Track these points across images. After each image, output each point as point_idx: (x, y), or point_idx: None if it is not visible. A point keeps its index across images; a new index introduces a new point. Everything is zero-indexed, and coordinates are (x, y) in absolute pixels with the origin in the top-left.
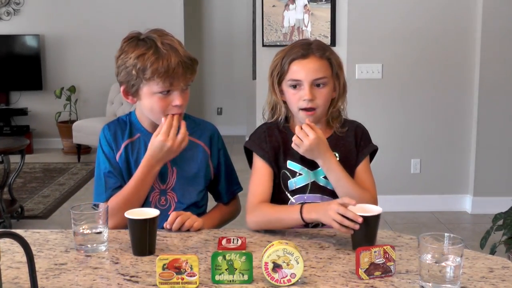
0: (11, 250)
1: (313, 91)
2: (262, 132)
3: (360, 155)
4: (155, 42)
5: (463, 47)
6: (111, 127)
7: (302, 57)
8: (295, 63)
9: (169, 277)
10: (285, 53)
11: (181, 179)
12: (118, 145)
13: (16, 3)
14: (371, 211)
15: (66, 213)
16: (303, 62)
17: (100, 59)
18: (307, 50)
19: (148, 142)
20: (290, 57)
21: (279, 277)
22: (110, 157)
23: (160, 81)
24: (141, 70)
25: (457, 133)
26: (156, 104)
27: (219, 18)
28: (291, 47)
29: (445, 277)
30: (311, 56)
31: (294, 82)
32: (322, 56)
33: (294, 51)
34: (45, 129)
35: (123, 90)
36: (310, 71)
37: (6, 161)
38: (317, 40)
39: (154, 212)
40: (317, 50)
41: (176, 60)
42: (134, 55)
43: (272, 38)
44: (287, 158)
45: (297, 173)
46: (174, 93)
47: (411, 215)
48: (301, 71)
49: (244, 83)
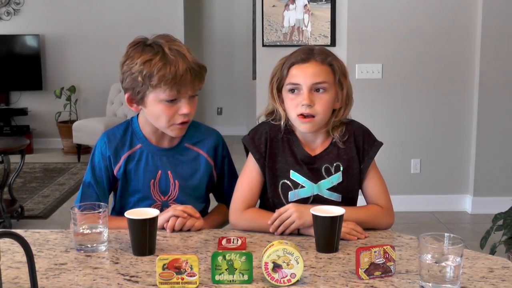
0: (11, 250)
1: (311, 96)
2: (264, 133)
3: (367, 159)
4: (162, 48)
5: (463, 47)
6: (111, 140)
7: (302, 61)
8: (295, 67)
9: (169, 277)
10: (286, 59)
11: (183, 191)
12: (118, 158)
13: (16, 3)
14: (331, 212)
15: (66, 213)
16: (303, 66)
17: (100, 59)
18: (308, 54)
19: (149, 152)
20: (290, 62)
21: (279, 277)
22: (97, 169)
23: (167, 88)
24: (148, 77)
25: (457, 133)
26: (163, 112)
27: (219, 18)
28: (293, 53)
29: (445, 277)
30: (312, 61)
31: (292, 86)
32: (323, 61)
33: (294, 55)
34: (45, 129)
35: (127, 98)
36: (309, 75)
37: (6, 161)
38: (321, 47)
39: (154, 212)
40: (318, 55)
41: (184, 66)
42: (140, 61)
43: (272, 38)
44: (290, 168)
45: (300, 185)
46: (182, 101)
47: (411, 215)
48: (300, 75)
49: (244, 83)
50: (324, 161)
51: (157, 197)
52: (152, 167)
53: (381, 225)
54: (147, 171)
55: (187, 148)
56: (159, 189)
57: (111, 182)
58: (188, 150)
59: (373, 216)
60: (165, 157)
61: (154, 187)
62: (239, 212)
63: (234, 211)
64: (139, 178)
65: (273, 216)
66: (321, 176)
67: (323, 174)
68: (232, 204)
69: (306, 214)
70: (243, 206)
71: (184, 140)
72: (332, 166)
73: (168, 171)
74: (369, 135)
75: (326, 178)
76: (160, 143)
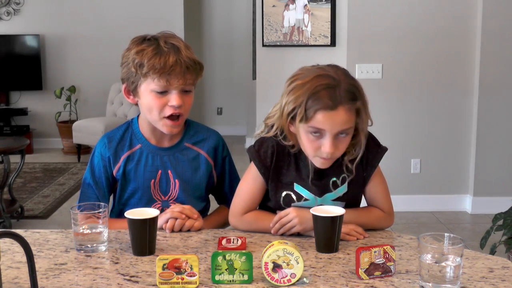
0: (11, 250)
1: (335, 143)
2: (270, 147)
3: (370, 168)
4: (158, 41)
5: (463, 47)
6: (111, 140)
7: (330, 109)
8: (321, 113)
9: (169, 277)
10: (309, 95)
11: (183, 191)
12: (117, 158)
13: (16, 3)
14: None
15: (66, 213)
16: (331, 114)
17: (100, 59)
18: (335, 98)
19: (148, 152)
20: (315, 106)
21: (279, 277)
22: (96, 170)
23: (156, 77)
24: (139, 66)
25: (457, 133)
26: (153, 102)
27: (219, 18)
28: (316, 90)
29: (445, 277)
30: (340, 108)
31: (316, 130)
32: (351, 108)
33: (320, 97)
34: (45, 129)
35: (124, 88)
36: (337, 125)
37: (6, 161)
38: (344, 78)
39: (154, 212)
40: (346, 101)
41: (174, 58)
42: (134, 51)
43: (272, 38)
44: (294, 181)
45: (304, 198)
46: (172, 92)
47: (411, 215)
48: (327, 123)
49: (244, 83)
50: (331, 175)
51: (158, 197)
52: (152, 167)
53: (381, 228)
54: (147, 171)
55: (187, 148)
56: (159, 189)
57: (111, 184)
58: (188, 150)
59: (374, 219)
60: (165, 156)
61: (154, 187)
62: (239, 216)
63: (234, 215)
64: (139, 178)
65: (274, 219)
66: (328, 189)
67: (330, 188)
68: (232, 208)
69: (307, 219)
70: (243, 211)
71: (184, 140)
72: (339, 179)
73: (169, 171)
74: (374, 141)
75: (333, 191)
76: (160, 143)
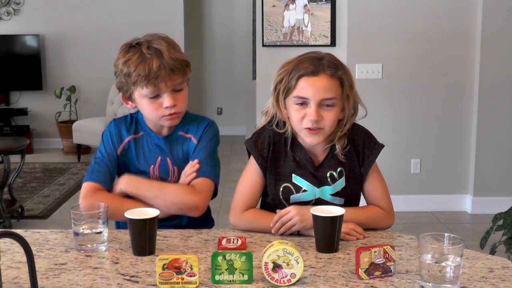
0: (11, 250)
1: (320, 112)
2: (267, 137)
3: (367, 163)
4: (141, 47)
5: (463, 47)
6: (118, 123)
7: (311, 74)
8: (303, 80)
9: (169, 277)
10: (293, 67)
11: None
12: (122, 138)
13: (16, 3)
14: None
15: (66, 213)
16: (312, 79)
17: (100, 59)
18: (318, 66)
19: (151, 141)
20: (298, 73)
21: (279, 277)
22: (107, 146)
23: (144, 85)
24: (127, 76)
25: (457, 133)
26: (148, 107)
27: (219, 18)
28: (300, 61)
29: (445, 277)
30: (321, 74)
31: (300, 99)
32: (333, 75)
33: (303, 66)
34: (45, 129)
35: (121, 96)
36: (319, 90)
37: (6, 161)
38: (328, 54)
39: (154, 212)
40: (328, 68)
41: (158, 63)
42: (122, 62)
43: (272, 38)
44: (292, 172)
45: (302, 189)
46: (164, 95)
47: (411, 215)
48: (309, 89)
49: (244, 83)
50: (328, 168)
51: None
52: (151, 153)
53: (381, 227)
54: (146, 157)
55: (180, 136)
56: (158, 175)
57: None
58: (181, 137)
59: (374, 218)
60: (163, 145)
61: (153, 172)
62: (239, 213)
63: (234, 212)
64: (140, 163)
65: (274, 218)
66: (325, 182)
67: (328, 181)
68: (232, 205)
69: (308, 217)
70: (243, 208)
71: (179, 129)
72: (336, 172)
73: (167, 158)
74: (370, 137)
75: (331, 185)
76: (160, 133)
